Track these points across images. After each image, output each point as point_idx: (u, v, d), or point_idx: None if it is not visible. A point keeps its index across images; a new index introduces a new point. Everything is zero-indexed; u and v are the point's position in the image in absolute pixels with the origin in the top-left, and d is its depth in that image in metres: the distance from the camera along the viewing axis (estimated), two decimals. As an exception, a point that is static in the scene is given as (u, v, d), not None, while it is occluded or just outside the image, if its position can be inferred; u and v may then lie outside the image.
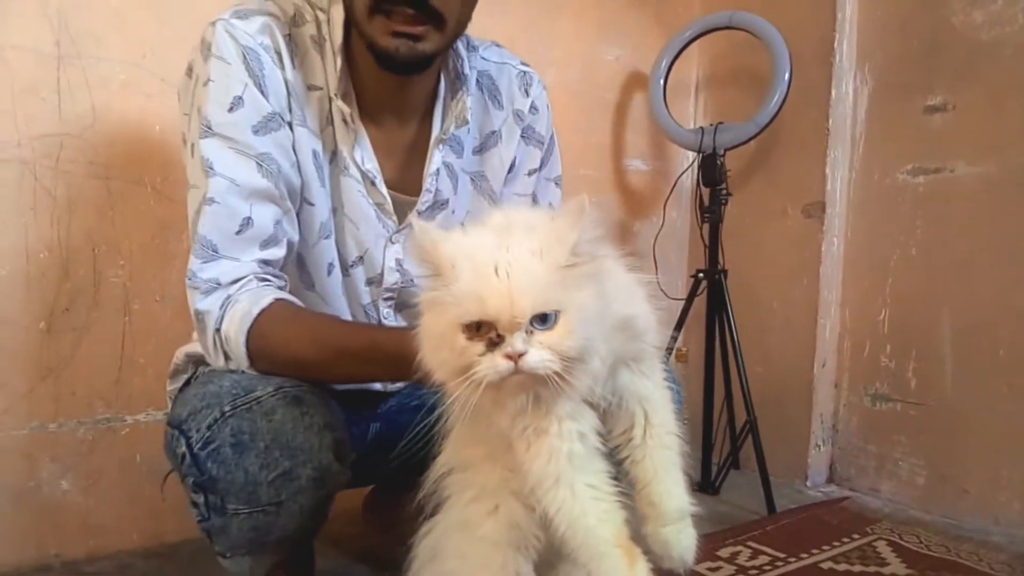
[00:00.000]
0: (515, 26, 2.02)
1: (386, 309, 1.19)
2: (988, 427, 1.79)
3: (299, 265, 1.13)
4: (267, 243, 1.03)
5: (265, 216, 1.02)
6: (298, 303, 1.05)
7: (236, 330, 0.98)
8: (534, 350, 0.67)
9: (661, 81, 2.18)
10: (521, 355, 0.66)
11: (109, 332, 1.52)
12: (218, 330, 0.99)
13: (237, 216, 1.00)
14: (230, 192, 1.00)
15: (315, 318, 1.08)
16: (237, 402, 0.95)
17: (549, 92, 1.28)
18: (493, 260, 0.67)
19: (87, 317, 1.49)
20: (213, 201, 0.99)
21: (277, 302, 1.00)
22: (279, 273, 1.06)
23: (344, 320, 1.15)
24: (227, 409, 0.94)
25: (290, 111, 1.05)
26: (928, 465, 1.92)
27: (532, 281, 0.67)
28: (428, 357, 0.73)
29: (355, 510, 1.59)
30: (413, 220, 1.12)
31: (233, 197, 1.00)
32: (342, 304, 1.17)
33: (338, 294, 1.16)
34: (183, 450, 0.95)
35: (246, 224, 1.01)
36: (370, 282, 1.17)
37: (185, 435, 0.96)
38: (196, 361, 1.13)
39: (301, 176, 1.07)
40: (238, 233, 1.00)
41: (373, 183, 1.12)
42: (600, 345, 0.71)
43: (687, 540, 0.79)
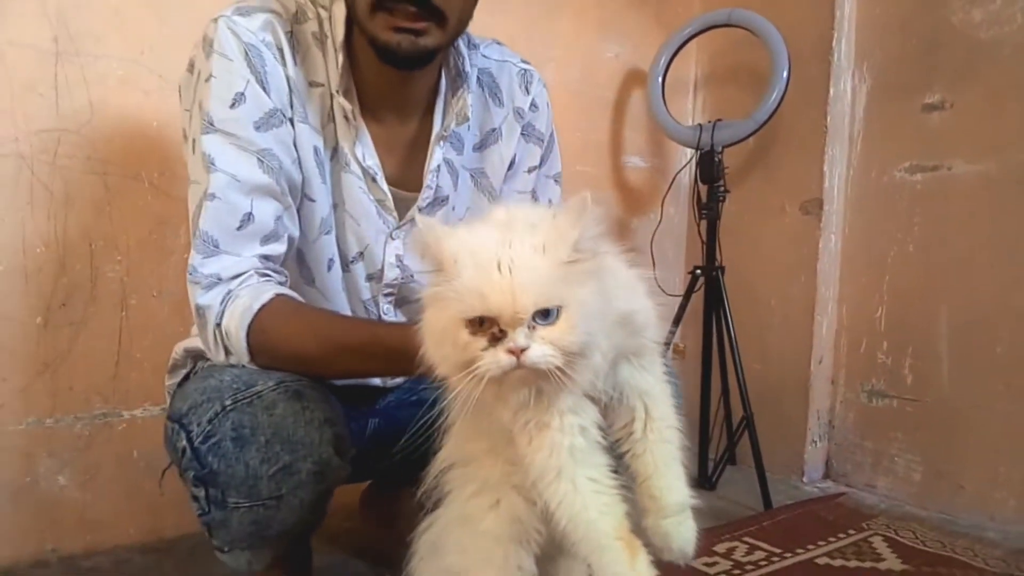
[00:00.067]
0: (516, 25, 2.02)
1: (386, 305, 1.19)
2: (985, 424, 1.80)
3: (299, 261, 1.13)
4: (268, 239, 1.03)
5: (266, 212, 1.02)
6: (299, 298, 1.06)
7: (237, 325, 0.98)
8: (536, 345, 0.67)
9: (660, 78, 2.18)
10: (523, 350, 0.67)
11: (106, 327, 1.52)
12: (219, 325, 1.00)
13: (238, 212, 1.00)
14: (231, 188, 1.00)
15: (316, 313, 1.08)
16: (238, 396, 0.95)
17: (549, 90, 1.28)
18: (496, 256, 0.67)
19: (84, 312, 1.49)
20: (214, 197, 1.00)
21: (278, 297, 1.00)
22: (280, 269, 1.06)
23: (345, 315, 1.15)
24: (228, 403, 0.94)
25: (291, 107, 1.05)
26: (924, 461, 1.92)
27: (534, 277, 0.67)
28: (431, 352, 0.73)
29: (352, 505, 1.60)
30: (416, 216, 1.13)
31: (234, 193, 1.00)
32: (342, 300, 1.17)
33: (338, 290, 1.16)
34: (184, 444, 0.96)
35: (247, 220, 1.01)
36: (370, 278, 1.17)
37: (186, 429, 0.96)
38: (195, 356, 1.13)
39: (302, 172, 1.07)
40: (239, 229, 1.01)
41: (374, 179, 1.12)
42: (601, 340, 0.71)
43: (687, 532, 0.79)
